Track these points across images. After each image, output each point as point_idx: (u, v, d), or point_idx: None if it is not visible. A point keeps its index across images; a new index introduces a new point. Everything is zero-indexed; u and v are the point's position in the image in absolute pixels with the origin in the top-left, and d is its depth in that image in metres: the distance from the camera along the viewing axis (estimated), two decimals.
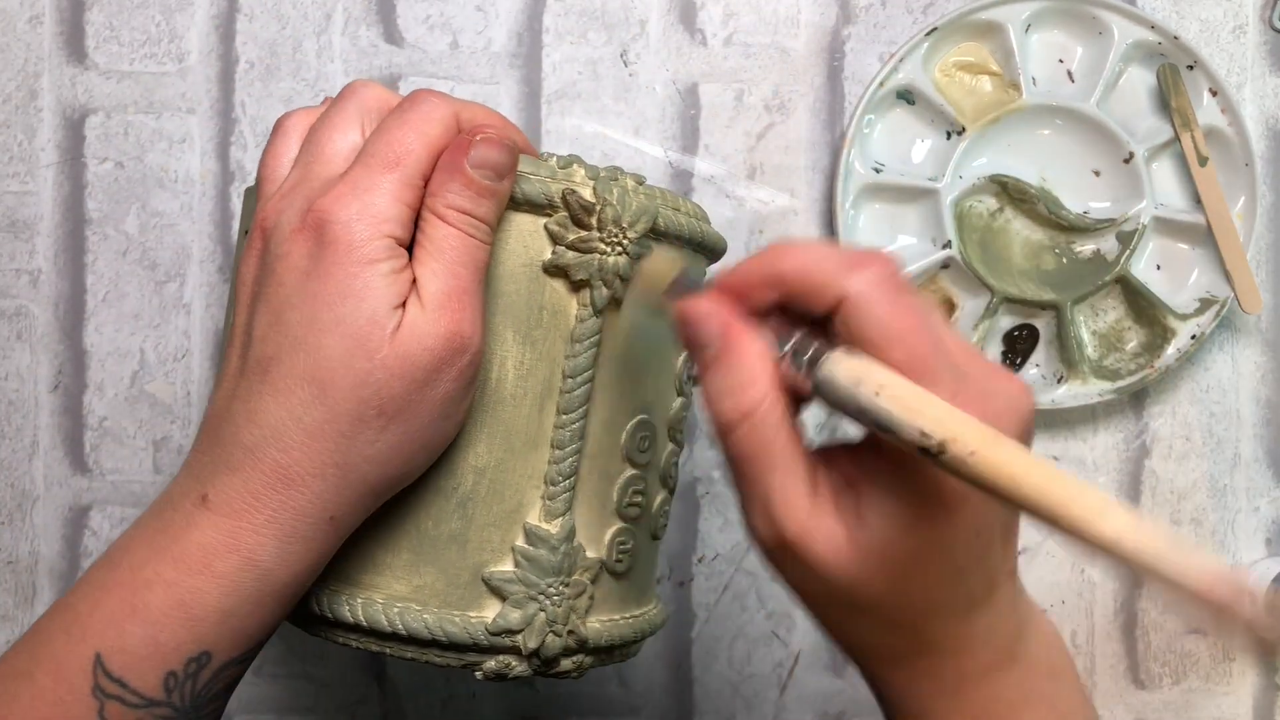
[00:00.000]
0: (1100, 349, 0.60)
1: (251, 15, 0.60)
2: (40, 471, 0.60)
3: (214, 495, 0.33)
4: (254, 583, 0.33)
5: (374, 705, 0.60)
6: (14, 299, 0.60)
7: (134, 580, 0.33)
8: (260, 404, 0.33)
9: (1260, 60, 0.61)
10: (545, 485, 0.38)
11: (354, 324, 0.32)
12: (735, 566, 0.60)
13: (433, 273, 0.34)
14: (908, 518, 0.31)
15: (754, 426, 0.31)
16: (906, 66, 0.58)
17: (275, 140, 0.38)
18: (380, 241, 0.33)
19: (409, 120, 0.35)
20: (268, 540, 0.33)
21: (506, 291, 0.37)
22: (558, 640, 0.38)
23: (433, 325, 0.33)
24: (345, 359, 0.33)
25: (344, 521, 0.34)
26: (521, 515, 0.38)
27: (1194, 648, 0.61)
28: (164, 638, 0.32)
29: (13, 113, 0.60)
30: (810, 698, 0.60)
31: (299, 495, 0.33)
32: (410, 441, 0.34)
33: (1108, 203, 0.60)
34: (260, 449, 0.33)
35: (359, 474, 0.34)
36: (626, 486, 0.40)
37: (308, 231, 0.33)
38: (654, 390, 0.41)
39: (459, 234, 0.34)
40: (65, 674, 0.32)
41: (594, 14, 0.60)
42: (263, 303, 0.34)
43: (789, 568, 0.33)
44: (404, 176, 0.34)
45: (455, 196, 0.34)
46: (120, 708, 0.32)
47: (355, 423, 0.33)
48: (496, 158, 0.35)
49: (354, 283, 0.33)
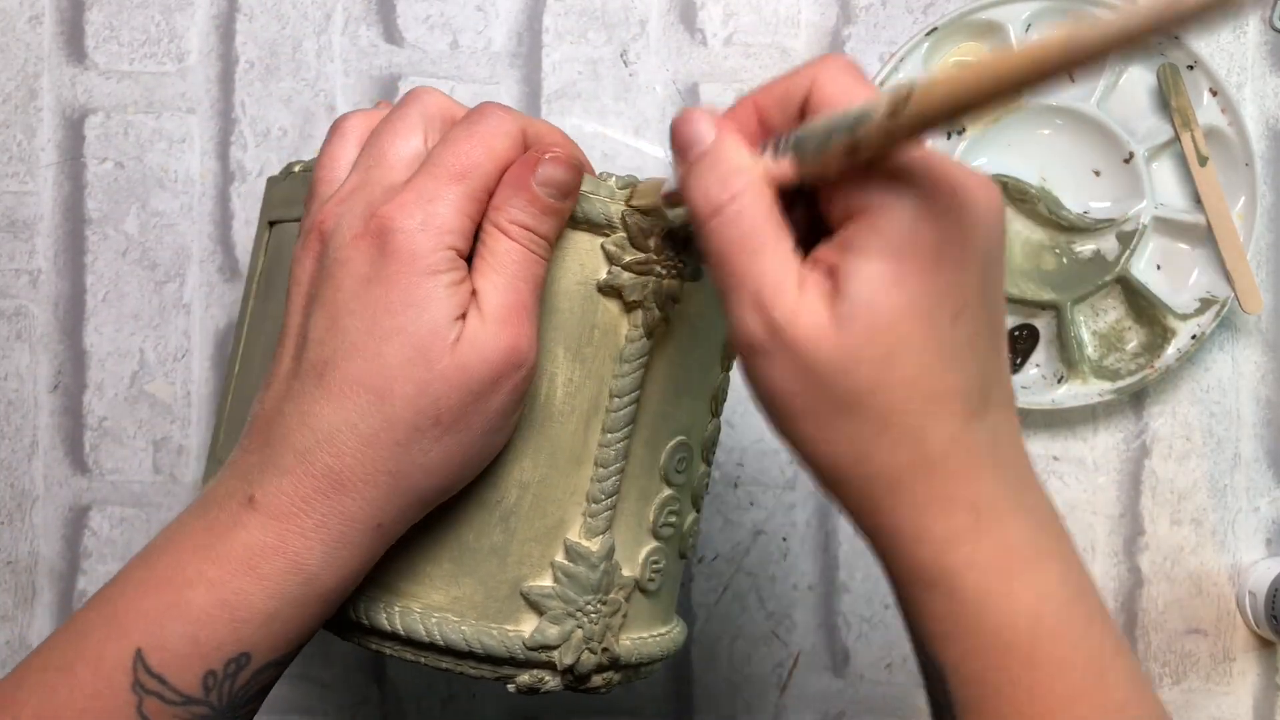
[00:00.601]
0: (1100, 349, 0.60)
1: (251, 15, 0.60)
2: (40, 471, 0.60)
3: (262, 497, 0.33)
4: (299, 587, 0.33)
5: (375, 706, 0.60)
6: (14, 299, 0.60)
7: (177, 578, 0.33)
8: (315, 408, 0.33)
9: (1260, 60, 0.61)
10: (587, 503, 0.38)
11: (415, 333, 0.32)
12: (735, 566, 0.60)
13: (494, 286, 0.34)
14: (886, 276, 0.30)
15: (741, 210, 0.31)
16: (906, 66, 0.58)
17: (333, 141, 0.37)
18: (443, 253, 0.33)
19: (477, 133, 0.34)
20: (315, 545, 0.33)
21: (560, 309, 0.37)
22: (592, 657, 0.38)
23: (493, 339, 0.33)
24: (405, 367, 0.32)
25: (391, 529, 0.34)
26: (563, 531, 0.38)
27: (1194, 648, 0.61)
28: (205, 636, 0.32)
29: (13, 113, 0.60)
30: (810, 698, 0.60)
31: (349, 501, 0.33)
32: (462, 452, 0.34)
33: (1108, 203, 0.60)
34: (313, 453, 0.33)
35: (410, 482, 0.33)
36: (663, 506, 0.40)
37: (370, 238, 0.33)
38: (693, 412, 0.41)
39: (521, 249, 0.34)
40: (105, 668, 0.32)
41: (594, 14, 0.60)
42: (320, 306, 0.34)
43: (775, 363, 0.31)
44: (469, 189, 0.34)
45: (519, 212, 0.34)
46: (159, 704, 0.32)
47: (411, 431, 0.33)
48: (563, 177, 0.35)
49: (416, 292, 0.33)
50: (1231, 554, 0.61)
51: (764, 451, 0.60)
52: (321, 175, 0.37)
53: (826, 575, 0.60)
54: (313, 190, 0.37)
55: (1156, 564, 0.61)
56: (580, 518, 0.38)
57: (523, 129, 0.36)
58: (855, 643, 0.60)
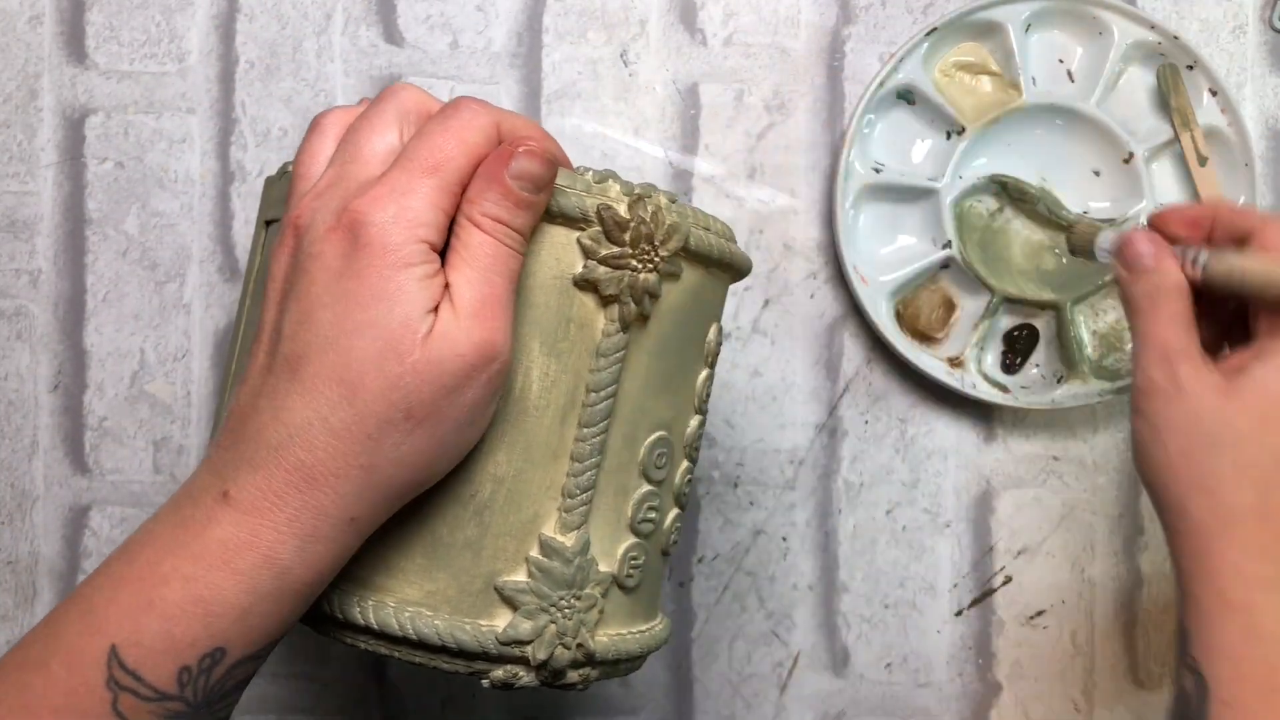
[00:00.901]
0: (1100, 349, 0.60)
1: (251, 15, 0.60)
2: (40, 471, 0.60)
3: (235, 492, 0.33)
4: (272, 581, 0.33)
5: (374, 706, 0.60)
6: (14, 299, 0.60)
7: (151, 574, 0.33)
8: (287, 402, 0.33)
9: (1260, 60, 0.61)
10: (563, 497, 0.38)
11: (386, 327, 0.33)
12: (735, 566, 0.60)
13: (467, 280, 0.34)
14: None
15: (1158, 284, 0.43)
16: (906, 66, 0.58)
17: (311, 138, 0.38)
18: (416, 246, 0.33)
19: (451, 127, 0.35)
20: (288, 539, 0.33)
21: (536, 303, 0.37)
22: (566, 653, 0.38)
23: (465, 332, 0.33)
24: (376, 361, 0.33)
25: (364, 523, 0.34)
26: (537, 526, 0.38)
27: None
28: (179, 632, 0.33)
29: (13, 113, 0.60)
30: (810, 698, 0.60)
31: (321, 495, 0.33)
32: (435, 446, 0.34)
33: (1107, 203, 0.60)
34: (285, 448, 0.33)
35: (382, 476, 0.34)
36: (641, 502, 0.40)
37: (342, 231, 0.33)
38: (674, 407, 0.41)
39: (495, 243, 0.34)
40: (80, 665, 0.32)
41: (594, 14, 0.60)
42: (293, 300, 0.34)
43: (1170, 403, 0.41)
44: (443, 182, 0.34)
45: (493, 206, 0.34)
46: (134, 700, 0.33)
47: (382, 425, 0.33)
48: (537, 170, 0.35)
49: (388, 285, 0.33)
50: None
51: (764, 451, 0.60)
52: (300, 171, 0.37)
53: (826, 575, 0.60)
54: (292, 186, 0.37)
55: (1156, 564, 0.61)
56: (555, 512, 0.38)
57: (497, 123, 0.36)
58: (855, 643, 0.60)
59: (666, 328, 0.40)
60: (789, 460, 0.60)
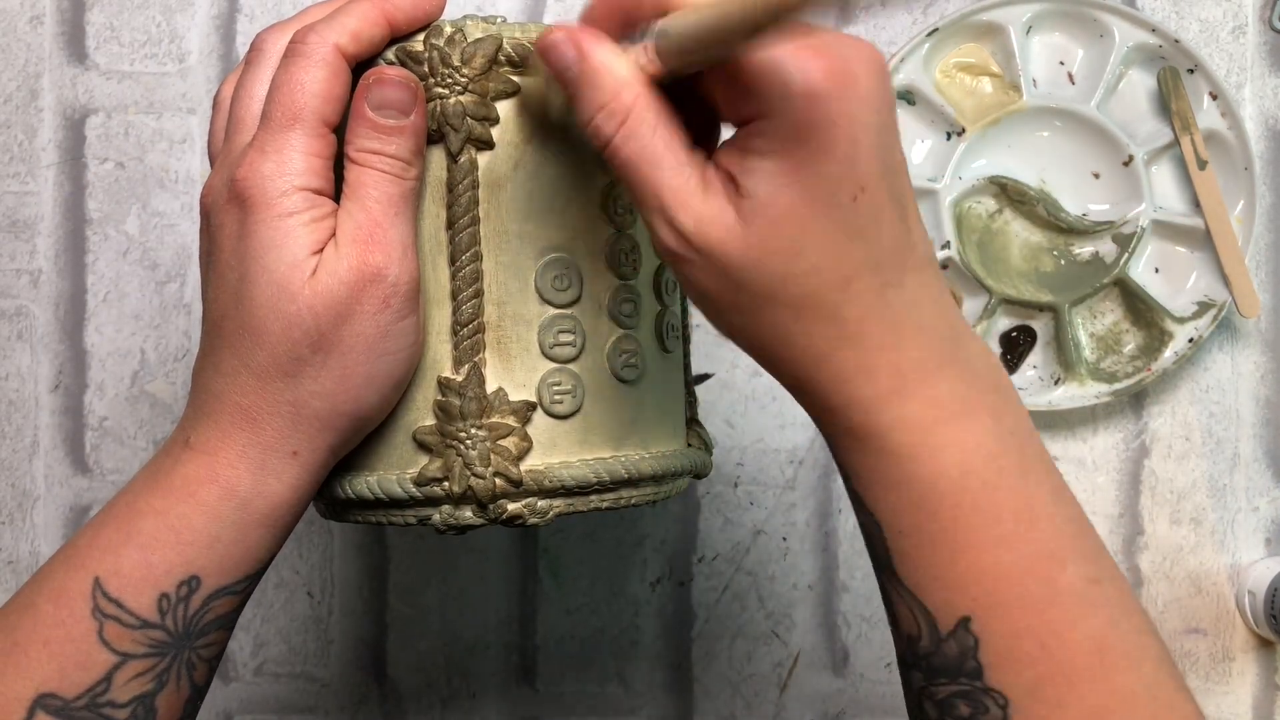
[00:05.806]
0: (1098, 351, 0.60)
1: (252, 15, 0.60)
2: (40, 471, 0.60)
3: (195, 438, 0.37)
4: (234, 511, 0.36)
5: (375, 706, 0.60)
6: (14, 299, 0.60)
7: (128, 511, 0.36)
8: (219, 357, 0.36)
9: (1260, 60, 0.61)
10: (451, 336, 0.39)
11: (276, 270, 0.35)
12: (735, 566, 0.60)
13: (348, 213, 0.36)
14: (781, 170, 0.31)
15: (632, 130, 0.33)
16: (907, 67, 0.58)
17: (213, 117, 0.40)
18: (295, 195, 0.35)
19: (292, 77, 0.36)
20: (243, 473, 0.36)
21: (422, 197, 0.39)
22: (483, 483, 0.38)
23: (344, 259, 0.35)
24: (272, 304, 0.35)
25: (308, 457, 0.37)
26: (437, 370, 0.39)
27: (1194, 647, 0.61)
28: (155, 560, 0.35)
29: (13, 113, 0.60)
30: (810, 698, 0.61)
31: (262, 432, 0.36)
32: (350, 374, 0.36)
33: (1107, 205, 0.60)
34: (225, 394, 0.36)
35: (310, 410, 0.36)
36: (549, 327, 0.40)
37: (234, 201, 0.36)
38: (569, 227, 0.40)
39: (372, 172, 0.36)
40: (66, 599, 0.35)
41: None
42: (212, 271, 0.37)
43: (698, 269, 0.33)
44: (306, 128, 0.36)
45: (364, 140, 0.36)
46: (118, 628, 0.35)
47: (294, 362, 0.35)
48: (394, 96, 0.36)
49: (275, 234, 0.35)
50: (1231, 554, 0.61)
51: (764, 451, 0.60)
52: (210, 154, 0.39)
53: (826, 575, 0.61)
54: None
55: (1156, 564, 0.61)
56: (449, 354, 0.39)
57: (355, 32, 0.36)
58: (855, 642, 0.61)
59: (529, 149, 0.39)
60: (789, 460, 0.60)
